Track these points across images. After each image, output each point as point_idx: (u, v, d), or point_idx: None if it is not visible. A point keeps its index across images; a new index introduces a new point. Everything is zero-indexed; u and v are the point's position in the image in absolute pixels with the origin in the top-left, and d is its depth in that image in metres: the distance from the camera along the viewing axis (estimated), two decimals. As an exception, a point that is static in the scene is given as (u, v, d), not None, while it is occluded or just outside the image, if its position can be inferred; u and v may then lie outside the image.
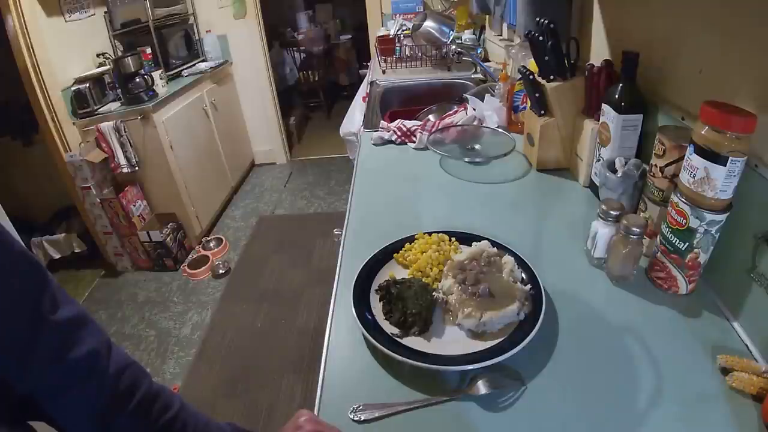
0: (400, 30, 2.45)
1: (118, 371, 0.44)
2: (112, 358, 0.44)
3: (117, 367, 0.44)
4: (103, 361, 0.43)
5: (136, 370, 0.47)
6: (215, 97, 3.14)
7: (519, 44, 1.45)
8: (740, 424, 0.50)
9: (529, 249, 0.80)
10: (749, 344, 0.59)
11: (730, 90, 0.65)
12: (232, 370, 1.92)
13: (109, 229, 2.54)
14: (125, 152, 2.39)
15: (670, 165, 0.68)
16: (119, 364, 0.45)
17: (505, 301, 0.64)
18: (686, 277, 0.66)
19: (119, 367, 0.45)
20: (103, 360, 0.43)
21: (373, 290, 0.71)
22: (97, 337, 0.44)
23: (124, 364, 0.45)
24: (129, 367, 0.46)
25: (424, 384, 0.57)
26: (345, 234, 0.91)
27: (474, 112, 1.36)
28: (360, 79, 2.89)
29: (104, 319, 2.32)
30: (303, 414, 0.51)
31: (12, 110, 2.55)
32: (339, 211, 3.08)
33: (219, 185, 3.21)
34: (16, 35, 2.09)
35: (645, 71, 0.82)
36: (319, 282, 2.38)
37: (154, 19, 2.74)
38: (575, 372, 0.58)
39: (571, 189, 1.01)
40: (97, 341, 0.44)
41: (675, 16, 0.78)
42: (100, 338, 0.44)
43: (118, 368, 0.44)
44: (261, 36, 3.46)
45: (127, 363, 0.46)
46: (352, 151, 2.14)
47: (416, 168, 1.18)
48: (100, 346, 0.44)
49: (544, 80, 1.00)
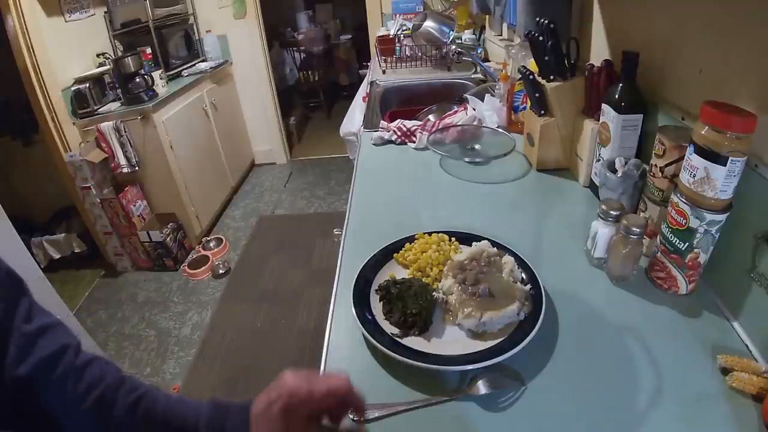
0: (400, 30, 2.45)
1: (85, 363, 0.48)
2: (80, 354, 0.49)
3: (84, 360, 0.48)
4: (72, 356, 0.48)
5: (102, 362, 0.50)
6: (215, 97, 3.14)
7: (519, 44, 1.45)
8: (740, 424, 0.50)
9: (529, 249, 0.80)
10: (749, 344, 0.59)
11: (730, 90, 0.65)
12: (232, 370, 1.92)
13: (109, 229, 2.54)
14: (125, 152, 2.39)
15: (670, 165, 0.68)
16: (86, 358, 0.49)
17: (505, 301, 0.64)
18: (686, 277, 0.66)
19: (86, 360, 0.48)
20: (71, 355, 0.48)
21: (373, 290, 0.71)
22: (68, 338, 0.49)
23: (92, 357, 0.49)
24: (96, 360, 0.49)
25: (424, 384, 0.57)
26: (345, 234, 0.91)
27: (474, 112, 1.36)
28: (360, 79, 2.88)
29: (104, 319, 2.32)
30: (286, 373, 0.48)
31: (12, 110, 2.54)
32: (339, 211, 3.08)
33: (219, 185, 3.21)
34: (16, 35, 2.09)
35: (645, 71, 0.82)
36: (319, 282, 2.38)
37: (154, 19, 2.74)
38: (575, 372, 0.58)
39: (571, 189, 1.01)
40: (66, 341, 0.48)
41: (675, 17, 0.78)
42: (70, 340, 0.49)
43: (86, 360, 0.48)
44: (261, 36, 3.46)
45: (94, 357, 0.50)
46: (352, 151, 2.14)
47: (416, 168, 1.18)
48: (69, 344, 0.48)
49: (544, 80, 1.00)
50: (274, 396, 0.46)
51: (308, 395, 0.45)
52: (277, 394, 0.46)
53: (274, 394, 0.46)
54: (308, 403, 0.45)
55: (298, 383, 0.46)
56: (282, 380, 0.47)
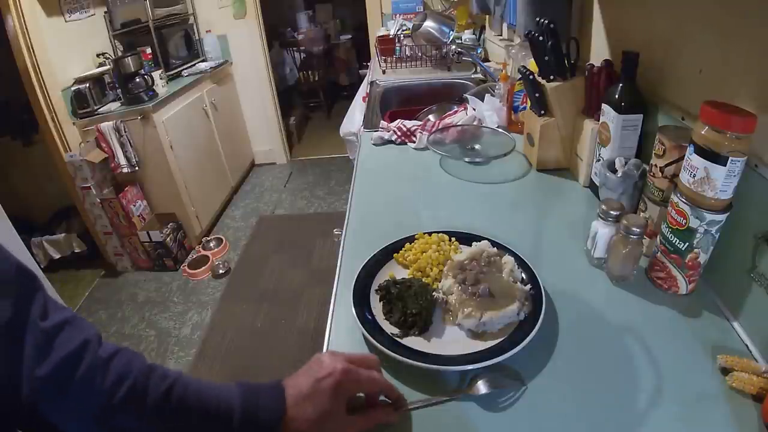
0: (400, 30, 2.45)
1: (110, 355, 0.45)
2: (102, 346, 0.46)
3: (108, 353, 0.45)
4: (95, 349, 0.45)
5: (128, 352, 0.48)
6: (215, 97, 3.14)
7: (519, 44, 1.45)
8: (740, 424, 0.50)
9: (529, 249, 0.80)
10: (749, 344, 0.59)
11: (730, 90, 0.65)
12: (232, 370, 1.92)
13: (109, 229, 2.54)
14: (125, 152, 2.39)
15: (670, 165, 0.68)
16: (110, 350, 0.46)
17: (505, 301, 0.64)
18: (686, 277, 0.66)
19: (111, 351, 0.46)
20: (95, 348, 0.45)
21: (373, 290, 0.71)
22: (88, 330, 0.46)
23: (116, 349, 0.47)
24: (120, 351, 0.47)
25: (424, 384, 0.57)
26: (345, 234, 0.91)
27: (474, 112, 1.36)
28: (360, 79, 2.89)
29: (104, 319, 2.32)
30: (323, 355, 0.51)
31: (12, 110, 2.55)
32: (339, 211, 3.08)
33: (219, 185, 3.21)
34: (16, 35, 2.09)
35: (645, 71, 0.82)
36: (319, 282, 2.38)
37: (154, 19, 2.75)
38: (575, 372, 0.58)
39: (571, 189, 1.01)
40: (88, 334, 0.45)
41: (675, 17, 0.78)
42: (91, 332, 0.46)
43: (110, 352, 0.45)
44: (261, 36, 3.46)
45: (118, 348, 0.47)
46: (352, 151, 2.14)
47: (416, 168, 1.18)
48: (91, 337, 0.45)
49: (544, 80, 1.00)
50: (322, 373, 0.48)
51: (357, 377, 0.49)
52: (326, 372, 0.48)
53: (321, 372, 0.48)
54: (356, 385, 0.49)
55: (347, 365, 0.49)
56: (323, 359, 0.50)
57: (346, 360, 0.50)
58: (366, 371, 0.50)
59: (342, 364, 0.49)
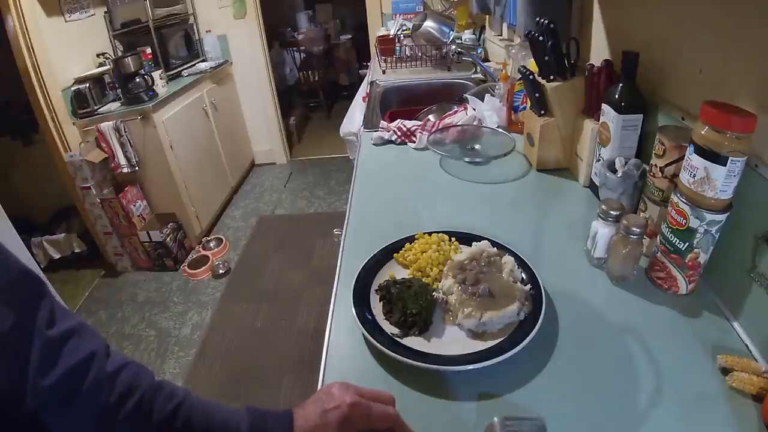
0: (400, 30, 2.45)
1: (117, 369, 0.44)
2: (110, 358, 0.45)
3: (116, 366, 0.44)
4: (102, 362, 0.44)
5: (135, 366, 0.47)
6: (215, 97, 3.14)
7: (519, 44, 1.45)
8: (740, 424, 0.50)
9: (529, 249, 0.80)
10: (749, 344, 0.59)
11: (730, 90, 0.65)
12: (233, 370, 1.92)
13: (109, 229, 2.54)
14: (125, 152, 2.39)
15: (670, 165, 0.68)
16: (118, 363, 0.45)
17: (505, 301, 0.64)
18: (686, 277, 0.66)
19: (119, 365, 0.45)
20: (102, 361, 0.44)
21: (373, 290, 0.71)
22: (95, 341, 0.45)
23: (124, 362, 0.46)
24: (128, 365, 0.46)
25: (424, 384, 0.57)
26: (345, 234, 0.91)
27: (474, 112, 1.37)
28: (360, 79, 2.88)
29: (104, 319, 2.32)
30: (334, 384, 0.50)
31: (12, 110, 2.55)
32: (339, 211, 3.08)
33: (219, 185, 3.21)
34: (16, 35, 2.09)
35: (645, 71, 0.82)
36: (319, 282, 2.38)
37: (154, 19, 2.74)
38: (575, 372, 0.58)
39: (571, 189, 1.01)
40: (95, 345, 0.44)
41: (675, 17, 0.78)
42: (98, 343, 0.45)
43: (118, 366, 0.44)
44: (261, 36, 3.46)
45: (126, 361, 0.46)
46: (352, 151, 2.14)
47: (416, 168, 1.18)
48: (98, 349, 0.44)
49: (544, 80, 1.00)
50: (330, 405, 0.47)
51: (368, 411, 0.47)
52: (335, 404, 0.47)
53: (330, 404, 0.47)
54: (366, 419, 0.47)
55: (357, 398, 0.48)
56: (333, 391, 0.49)
57: (357, 393, 0.49)
58: (380, 406, 0.49)
59: (351, 397, 0.48)
